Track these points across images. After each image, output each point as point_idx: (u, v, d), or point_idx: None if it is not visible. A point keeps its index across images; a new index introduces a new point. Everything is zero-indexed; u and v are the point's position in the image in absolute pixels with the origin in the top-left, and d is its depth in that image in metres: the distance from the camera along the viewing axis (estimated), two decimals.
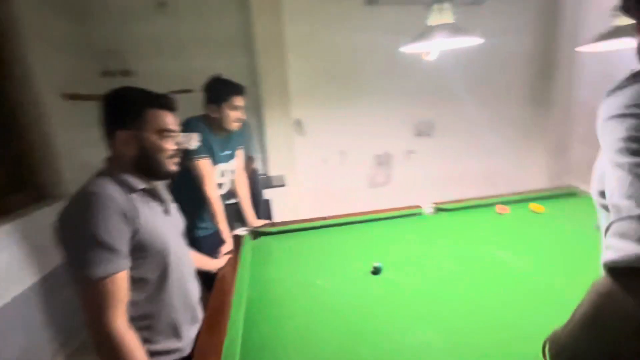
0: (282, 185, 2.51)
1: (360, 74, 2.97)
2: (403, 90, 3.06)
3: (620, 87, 0.44)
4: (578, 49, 1.58)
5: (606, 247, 0.37)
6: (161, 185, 0.99)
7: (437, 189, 3.33)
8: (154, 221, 0.87)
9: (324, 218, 1.81)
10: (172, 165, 0.93)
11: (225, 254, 1.47)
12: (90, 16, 2.51)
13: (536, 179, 3.48)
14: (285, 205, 2.70)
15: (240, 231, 1.72)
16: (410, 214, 1.84)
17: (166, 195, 1.01)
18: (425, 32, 1.12)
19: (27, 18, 1.92)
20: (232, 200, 1.89)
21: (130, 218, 0.80)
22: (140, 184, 0.87)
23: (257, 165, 2.73)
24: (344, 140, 3.07)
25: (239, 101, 1.58)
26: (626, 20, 1.35)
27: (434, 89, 3.10)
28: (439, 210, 1.86)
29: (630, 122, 0.40)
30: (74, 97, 2.22)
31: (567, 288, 1.07)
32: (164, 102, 0.91)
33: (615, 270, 0.34)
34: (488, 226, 1.65)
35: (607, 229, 0.38)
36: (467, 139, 3.27)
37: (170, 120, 0.91)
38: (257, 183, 2.46)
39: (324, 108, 2.98)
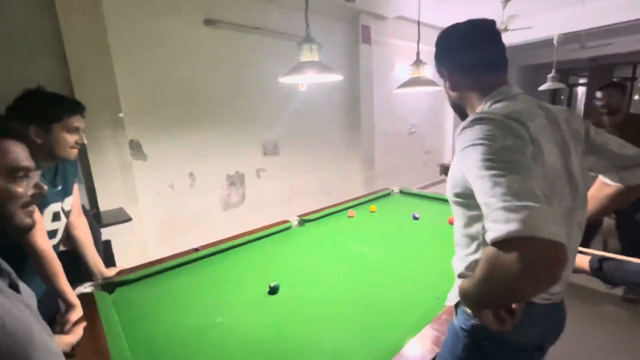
0: (128, 220, 2.09)
1: (205, 95, 2.88)
2: (250, 112, 3.18)
3: (467, 127, 0.71)
4: (394, 90, 2.16)
5: (488, 230, 0.59)
6: None
7: (286, 202, 3.62)
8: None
9: (195, 250, 1.67)
10: (28, 218, 0.68)
11: (75, 323, 1.13)
12: None
13: (356, 185, 4.36)
14: (128, 244, 2.26)
15: (85, 288, 1.35)
16: (282, 229, 1.96)
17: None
18: (298, 67, 1.28)
19: None
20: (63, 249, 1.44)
21: None
22: None
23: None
24: (192, 161, 2.88)
25: (78, 121, 1.27)
26: (417, 73, 1.97)
27: (277, 112, 3.38)
28: (304, 221, 2.06)
29: (480, 149, 0.65)
30: None
31: (407, 263, 1.48)
32: (8, 129, 0.66)
33: (496, 243, 0.56)
34: (346, 228, 1.99)
35: (487, 218, 0.60)
36: (306, 155, 3.73)
37: (22, 155, 0.66)
38: (92, 222, 1.95)
39: (167, 128, 2.70)
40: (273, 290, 1.32)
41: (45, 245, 1.16)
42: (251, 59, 3.09)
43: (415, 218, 2.04)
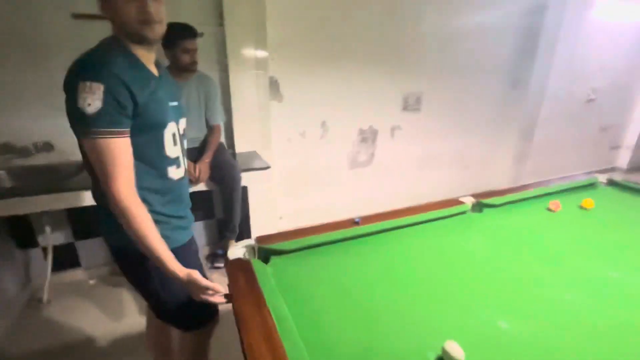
0: (265, 168, 1.86)
1: (349, 32, 2.38)
2: (392, 58, 2.59)
3: None
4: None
5: None
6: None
7: (416, 169, 3.06)
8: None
9: (355, 223, 1.29)
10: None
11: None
12: None
13: (503, 161, 3.50)
14: (261, 194, 2.07)
15: (238, 250, 1.09)
16: (455, 212, 1.45)
17: None
18: None
19: None
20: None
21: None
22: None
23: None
24: (326, 110, 2.51)
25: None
26: None
27: (423, 60, 2.71)
28: (482, 206, 1.51)
29: None
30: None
31: None
32: None
33: None
34: (555, 228, 1.37)
35: None
36: (452, 116, 3.03)
37: None
38: (232, 165, 1.76)
39: (306, 67, 2.33)
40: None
41: (128, 201, 0.81)
42: None
43: None
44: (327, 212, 2.69)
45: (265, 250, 1.12)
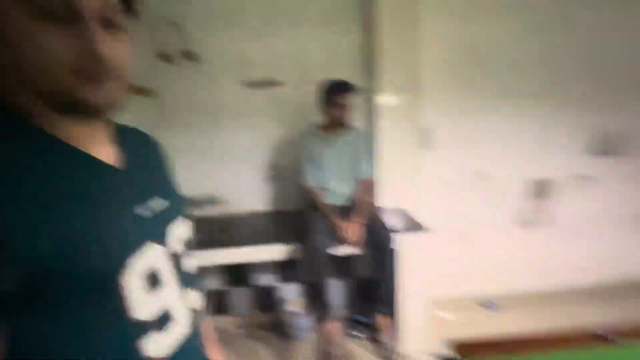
0: (419, 229, 1.59)
1: (516, 62, 2.00)
2: (576, 88, 2.04)
3: None
4: None
5: None
6: None
7: (624, 232, 2.23)
8: None
9: (604, 339, 0.85)
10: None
11: None
12: None
13: None
14: (407, 255, 1.77)
15: None
16: None
17: None
18: None
19: None
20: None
21: None
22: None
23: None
24: (485, 156, 2.10)
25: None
26: None
27: (626, 87, 2.04)
28: None
29: None
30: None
31: None
32: None
33: None
34: None
35: None
36: None
37: None
38: (384, 225, 1.55)
39: (460, 109, 2.03)
40: None
41: None
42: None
43: None
44: (484, 280, 2.17)
45: None
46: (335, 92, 1.62)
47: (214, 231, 1.97)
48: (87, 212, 0.40)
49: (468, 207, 2.13)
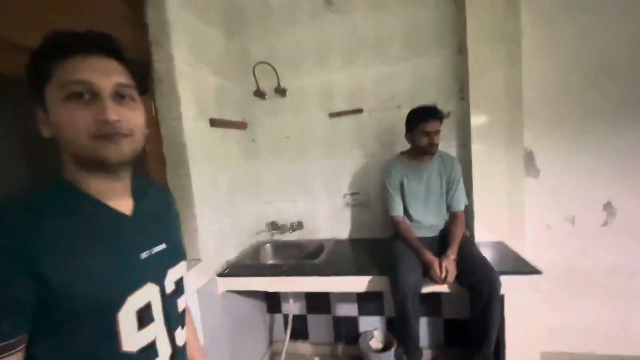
0: (534, 273, 1.37)
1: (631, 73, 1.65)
2: None
3: None
4: None
5: None
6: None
7: None
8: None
9: None
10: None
11: None
12: (242, 24, 2.00)
13: None
14: (514, 301, 1.53)
15: None
16: None
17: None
18: None
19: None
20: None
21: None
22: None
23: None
24: (611, 185, 1.74)
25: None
26: None
27: None
28: None
29: None
30: (216, 123, 1.67)
31: None
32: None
33: None
34: None
35: None
36: None
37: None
38: (489, 266, 1.37)
39: (572, 130, 1.75)
40: None
41: None
42: None
43: None
44: (612, 336, 1.76)
45: None
46: (421, 119, 1.53)
47: (297, 257, 2.02)
48: (100, 253, 0.51)
49: (591, 244, 1.77)
